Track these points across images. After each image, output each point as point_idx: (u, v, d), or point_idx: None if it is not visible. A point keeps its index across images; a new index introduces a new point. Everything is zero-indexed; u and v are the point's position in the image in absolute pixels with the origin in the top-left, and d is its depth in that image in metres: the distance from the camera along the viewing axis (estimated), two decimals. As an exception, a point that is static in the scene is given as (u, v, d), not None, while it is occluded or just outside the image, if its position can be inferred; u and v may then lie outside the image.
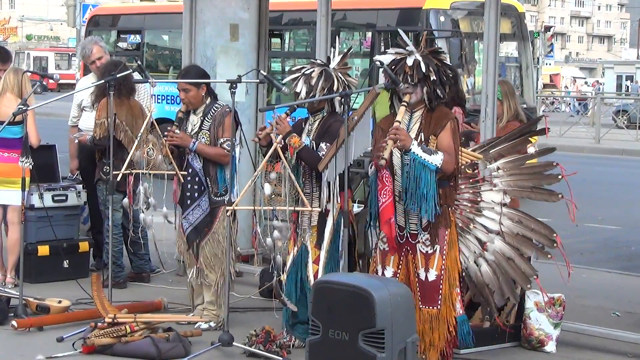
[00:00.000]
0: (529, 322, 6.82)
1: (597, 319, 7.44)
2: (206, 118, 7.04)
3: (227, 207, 6.44)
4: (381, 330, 5.14)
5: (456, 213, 6.06)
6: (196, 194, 7.01)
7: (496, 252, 6.26)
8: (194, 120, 7.09)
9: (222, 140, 6.97)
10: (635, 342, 6.79)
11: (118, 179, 7.07)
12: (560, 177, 6.26)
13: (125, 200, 7.29)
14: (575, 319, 7.11)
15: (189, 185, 7.01)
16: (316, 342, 5.36)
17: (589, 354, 6.83)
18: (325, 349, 5.31)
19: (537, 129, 6.73)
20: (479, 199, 6.29)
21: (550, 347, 6.80)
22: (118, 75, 7.28)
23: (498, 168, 6.38)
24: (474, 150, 6.38)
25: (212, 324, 6.97)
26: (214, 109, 7.06)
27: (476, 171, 6.34)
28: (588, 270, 9.82)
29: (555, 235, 6.27)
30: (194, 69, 7.38)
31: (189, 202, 7.03)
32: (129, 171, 7.03)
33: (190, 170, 7.00)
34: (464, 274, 6.16)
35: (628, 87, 51.79)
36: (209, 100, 7.11)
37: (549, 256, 6.29)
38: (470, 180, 6.28)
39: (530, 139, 6.58)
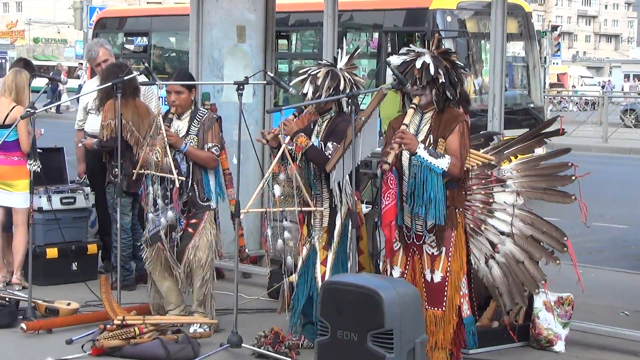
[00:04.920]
0: (537, 321, 6.81)
1: (605, 318, 7.43)
2: (193, 123, 7.00)
3: (241, 211, 6.39)
4: (390, 330, 5.14)
5: (467, 214, 6.06)
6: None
7: (507, 255, 6.28)
8: (179, 125, 7.02)
9: (210, 145, 6.93)
10: (644, 341, 6.78)
11: (134, 177, 7.06)
12: (573, 178, 6.28)
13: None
14: (583, 319, 7.10)
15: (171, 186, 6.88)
16: (325, 343, 5.36)
17: (598, 353, 6.82)
18: (334, 349, 5.31)
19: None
20: (491, 200, 6.30)
21: (559, 346, 6.79)
22: (129, 78, 7.28)
23: (513, 169, 6.39)
24: (487, 152, 6.39)
25: (207, 327, 6.88)
26: (200, 114, 7.04)
27: (490, 172, 6.33)
28: (596, 269, 9.80)
29: (565, 238, 6.31)
30: (184, 73, 7.41)
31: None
32: (142, 171, 6.98)
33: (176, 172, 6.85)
34: (474, 275, 6.17)
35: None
36: (193, 106, 7.10)
37: (557, 262, 6.33)
38: (483, 181, 6.28)
39: (545, 139, 6.54)
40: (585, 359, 6.72)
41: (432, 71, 5.79)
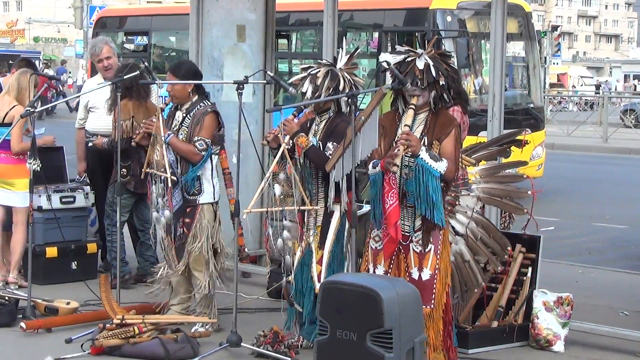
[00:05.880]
0: (537, 321, 6.82)
1: (605, 318, 7.43)
2: (188, 115, 6.99)
3: (244, 211, 6.38)
4: (389, 330, 5.15)
5: None
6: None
7: (456, 253, 6.58)
8: (179, 116, 7.05)
9: (196, 138, 6.88)
10: (644, 341, 6.78)
11: (142, 176, 7.06)
12: (529, 192, 6.71)
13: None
14: (583, 319, 7.10)
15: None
16: (324, 343, 5.37)
17: (598, 353, 6.82)
18: (333, 349, 5.32)
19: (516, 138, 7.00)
20: (456, 203, 6.59)
21: (559, 346, 6.80)
22: (130, 77, 7.27)
23: (477, 173, 6.70)
24: None
25: (208, 327, 6.88)
26: (198, 107, 7.00)
27: (458, 176, 6.52)
28: (596, 269, 9.82)
29: (508, 249, 6.77)
30: (185, 65, 7.37)
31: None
32: (149, 170, 6.99)
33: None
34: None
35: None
36: (195, 97, 7.04)
37: (500, 268, 6.84)
38: (453, 184, 6.39)
39: (509, 149, 6.93)
40: (584, 359, 6.72)
41: (433, 72, 5.80)
